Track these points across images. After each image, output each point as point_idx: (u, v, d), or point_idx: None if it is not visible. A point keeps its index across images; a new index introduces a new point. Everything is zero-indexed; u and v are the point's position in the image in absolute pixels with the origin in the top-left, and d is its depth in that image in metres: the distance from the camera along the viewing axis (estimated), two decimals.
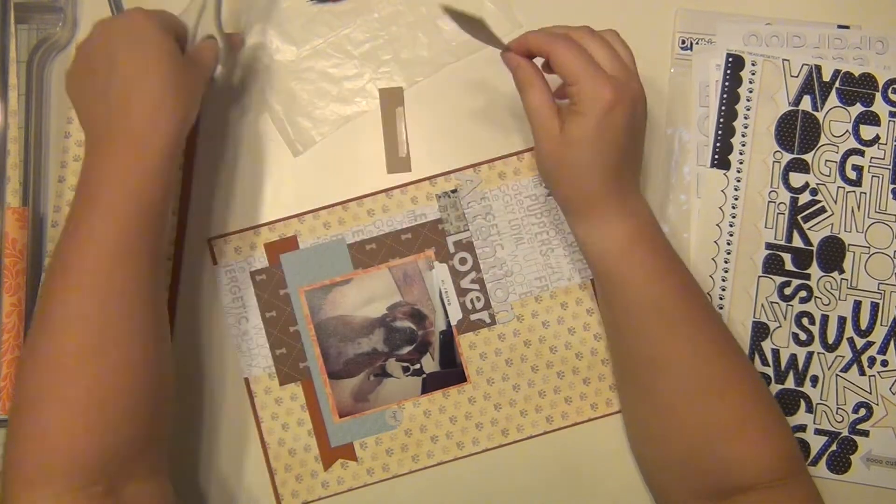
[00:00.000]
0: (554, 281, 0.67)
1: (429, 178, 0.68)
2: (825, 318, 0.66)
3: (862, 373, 0.66)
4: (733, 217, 0.66)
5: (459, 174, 0.68)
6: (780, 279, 0.66)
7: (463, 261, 0.67)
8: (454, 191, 0.68)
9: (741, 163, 0.66)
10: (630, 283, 0.57)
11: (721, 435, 0.55)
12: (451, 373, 0.67)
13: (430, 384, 0.67)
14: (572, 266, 0.67)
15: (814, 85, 0.67)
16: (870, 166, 0.66)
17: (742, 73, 0.67)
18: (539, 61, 0.59)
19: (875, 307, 0.66)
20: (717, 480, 0.55)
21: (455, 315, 0.67)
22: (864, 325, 0.66)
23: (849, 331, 0.66)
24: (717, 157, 0.66)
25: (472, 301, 0.67)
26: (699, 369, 0.56)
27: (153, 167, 0.52)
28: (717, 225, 0.66)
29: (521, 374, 0.66)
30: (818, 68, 0.67)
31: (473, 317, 0.67)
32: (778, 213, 0.66)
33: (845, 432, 0.66)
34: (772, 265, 0.66)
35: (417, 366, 0.67)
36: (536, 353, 0.67)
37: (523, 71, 0.58)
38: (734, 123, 0.66)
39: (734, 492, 0.54)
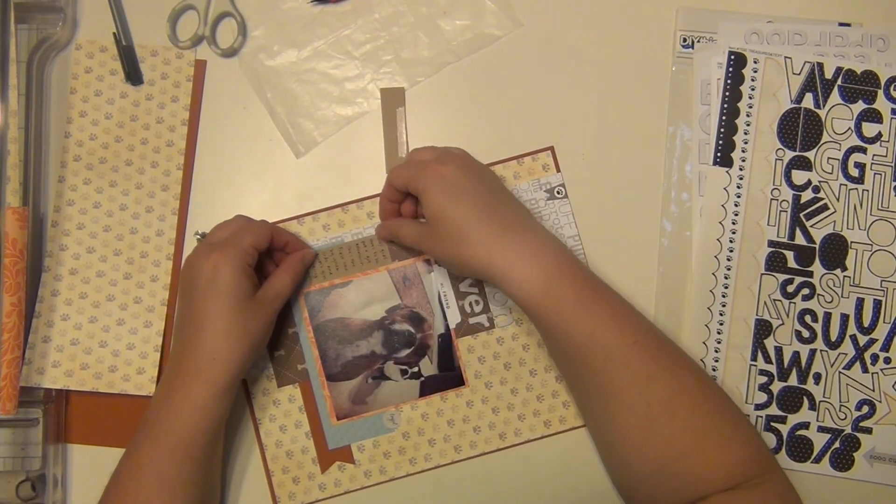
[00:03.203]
0: None
1: None
2: (828, 316, 0.66)
3: (865, 370, 0.66)
4: (736, 215, 0.66)
5: None
6: (782, 276, 0.66)
7: None
8: None
9: (743, 160, 0.66)
10: (559, 319, 0.57)
11: (678, 454, 0.55)
12: (449, 376, 0.67)
13: (428, 387, 0.66)
14: None
15: (816, 82, 0.67)
16: (872, 164, 0.66)
17: (744, 71, 0.67)
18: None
19: (878, 304, 0.66)
20: (682, 494, 0.55)
21: (454, 318, 0.67)
22: (866, 322, 0.66)
23: (851, 328, 0.66)
24: (719, 154, 0.67)
25: (470, 304, 0.67)
26: (643, 394, 0.55)
27: (211, 396, 0.58)
28: (720, 223, 0.66)
29: (520, 379, 0.66)
30: (820, 66, 0.67)
31: (472, 320, 0.67)
32: (780, 211, 0.66)
33: (848, 430, 0.66)
34: (774, 263, 0.66)
35: (416, 369, 0.66)
36: (535, 358, 0.66)
37: (387, 228, 0.65)
38: (736, 121, 0.67)
39: (700, 499, 0.54)
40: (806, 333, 0.66)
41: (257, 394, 0.66)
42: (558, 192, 0.67)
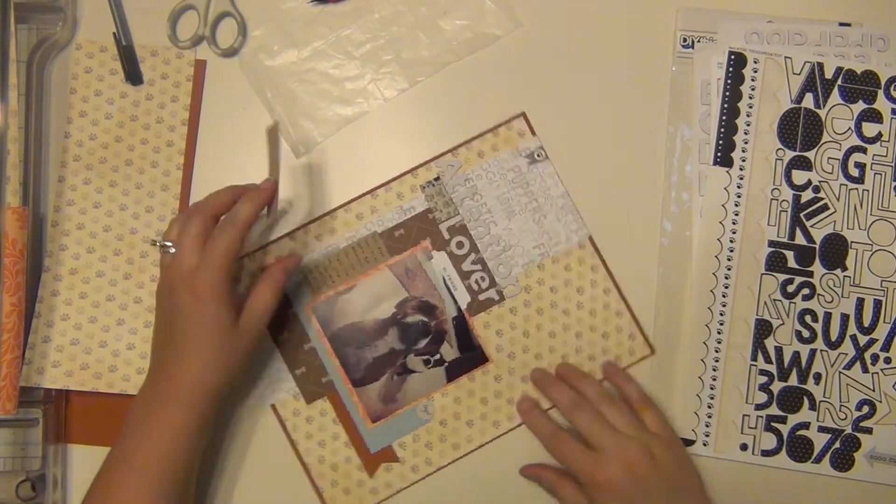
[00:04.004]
0: (552, 246, 0.67)
1: (410, 171, 0.68)
2: (828, 316, 0.66)
3: (865, 370, 0.66)
4: (736, 215, 0.66)
5: (440, 161, 0.68)
6: (782, 276, 0.66)
7: (460, 245, 0.67)
8: (437, 178, 0.67)
9: (743, 160, 0.66)
10: None
11: None
12: (471, 356, 0.67)
13: (454, 371, 0.67)
14: (566, 228, 0.67)
15: (816, 82, 0.67)
16: (872, 164, 0.66)
17: (744, 71, 0.67)
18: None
19: (878, 304, 0.66)
20: None
21: (463, 299, 0.67)
22: (866, 322, 0.66)
23: (851, 328, 0.66)
24: (719, 154, 0.66)
25: (477, 282, 0.67)
26: None
27: (193, 424, 0.57)
28: (720, 223, 0.66)
29: (541, 343, 0.67)
30: (820, 66, 0.67)
31: (482, 297, 0.67)
32: (780, 211, 0.66)
33: (849, 430, 0.66)
34: (774, 263, 0.66)
35: (437, 356, 0.67)
36: (551, 319, 0.67)
37: (547, 478, 0.63)
38: (736, 121, 0.67)
39: None
40: (806, 333, 0.66)
41: (288, 415, 0.66)
42: (538, 156, 0.68)
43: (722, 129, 0.67)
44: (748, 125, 0.66)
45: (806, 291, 0.66)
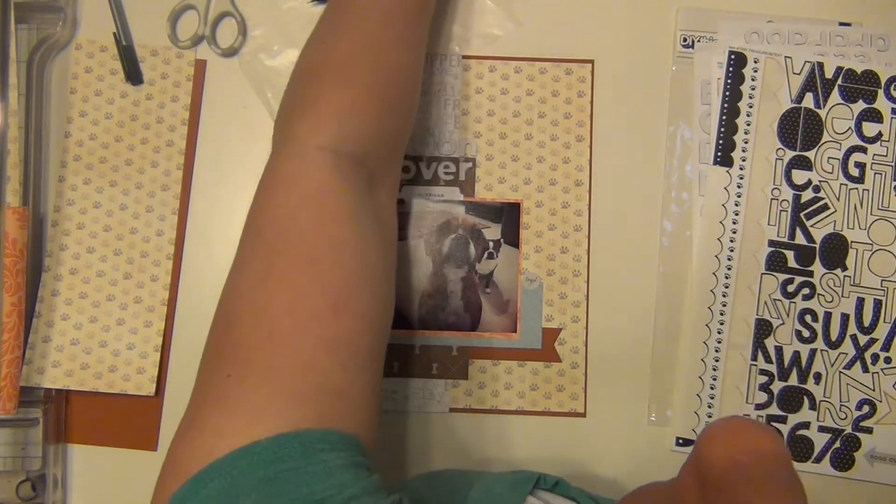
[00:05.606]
0: None
1: None
2: (828, 316, 0.66)
3: (865, 370, 0.66)
4: (736, 214, 0.66)
5: None
6: (783, 276, 0.66)
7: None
8: None
9: (744, 160, 0.66)
10: None
11: None
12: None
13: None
14: None
15: (816, 82, 0.67)
16: (872, 163, 0.66)
17: (744, 71, 0.67)
18: None
19: (878, 304, 0.66)
20: None
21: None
22: (867, 322, 0.66)
23: (852, 328, 0.66)
24: (719, 154, 0.66)
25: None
26: None
27: None
28: (720, 222, 0.66)
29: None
30: (820, 65, 0.67)
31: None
32: (781, 211, 0.66)
33: (849, 429, 0.66)
34: (775, 262, 0.66)
35: (489, 242, 0.67)
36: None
37: None
38: (736, 121, 0.66)
39: None
40: (806, 333, 0.66)
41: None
42: None
43: (722, 129, 0.67)
44: (748, 125, 0.66)
45: (806, 291, 0.66)
